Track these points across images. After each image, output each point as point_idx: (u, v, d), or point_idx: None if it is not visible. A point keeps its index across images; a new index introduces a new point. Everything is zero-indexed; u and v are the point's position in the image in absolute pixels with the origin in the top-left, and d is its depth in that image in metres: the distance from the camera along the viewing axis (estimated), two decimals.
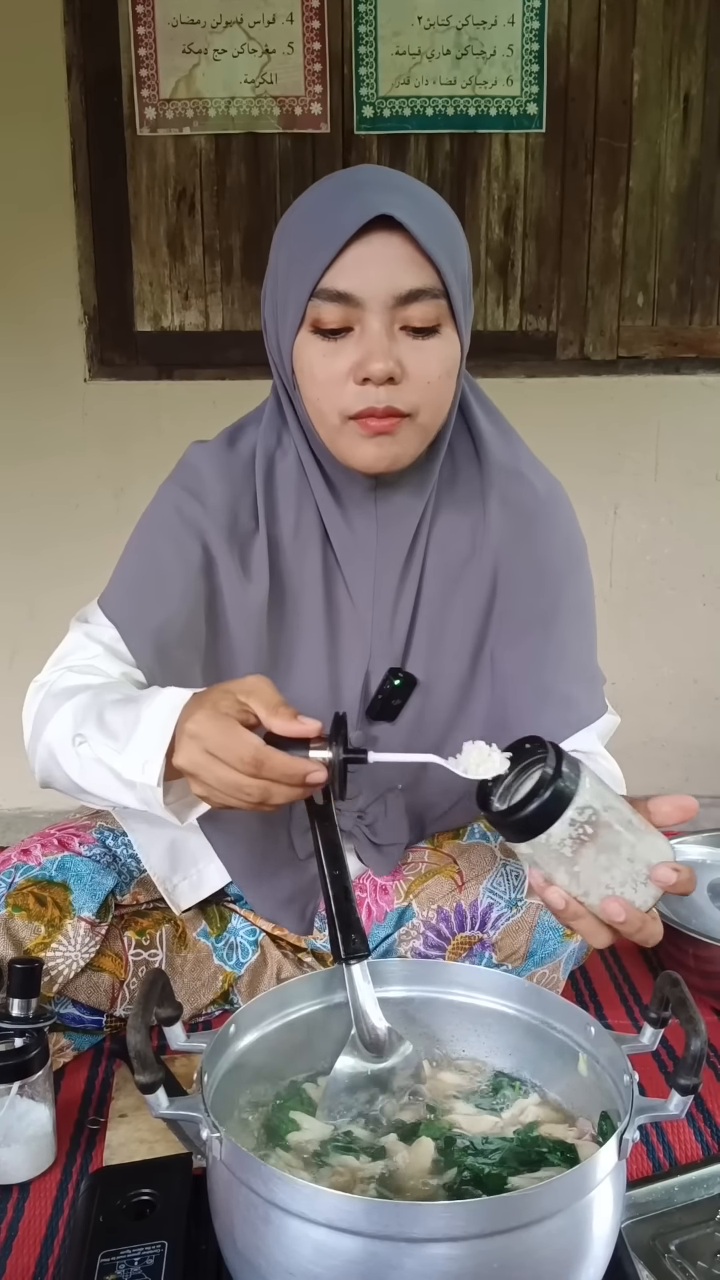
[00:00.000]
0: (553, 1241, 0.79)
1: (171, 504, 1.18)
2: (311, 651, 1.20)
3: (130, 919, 1.32)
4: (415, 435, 1.09)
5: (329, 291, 1.02)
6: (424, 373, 1.05)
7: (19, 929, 1.21)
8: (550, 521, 1.25)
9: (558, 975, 1.33)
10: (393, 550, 1.18)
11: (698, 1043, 0.84)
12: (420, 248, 1.01)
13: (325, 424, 1.09)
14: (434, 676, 1.22)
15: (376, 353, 1.02)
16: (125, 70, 2.25)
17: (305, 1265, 0.78)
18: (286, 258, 1.08)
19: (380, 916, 1.36)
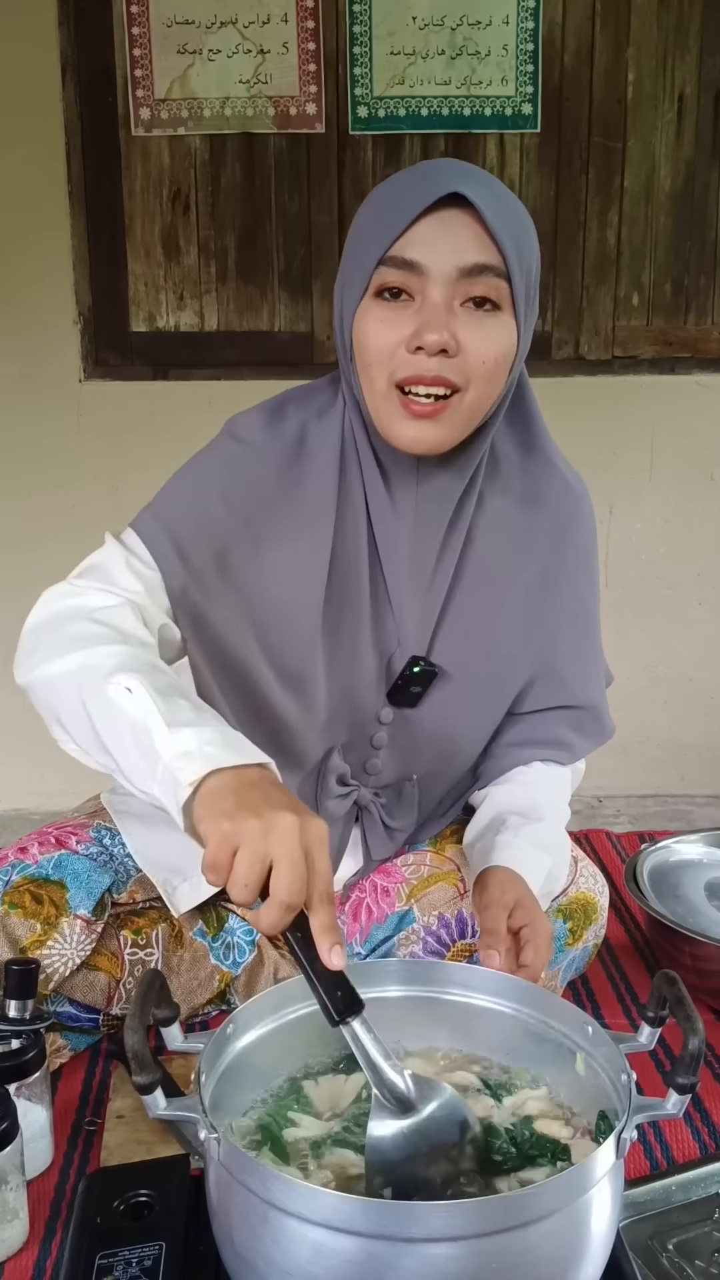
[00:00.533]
0: (551, 1241, 0.79)
1: (221, 469, 1.16)
2: (354, 633, 1.20)
3: (126, 918, 1.32)
4: (460, 418, 1.09)
5: (396, 259, 1.04)
6: (479, 350, 1.06)
7: (15, 926, 1.21)
8: (586, 524, 1.28)
9: (555, 983, 1.33)
10: (429, 534, 1.18)
11: (695, 1041, 0.84)
12: (488, 229, 1.03)
13: (374, 390, 1.09)
14: (459, 667, 1.24)
15: (433, 323, 1.03)
16: (120, 70, 2.24)
17: (303, 1266, 0.78)
18: (359, 232, 1.09)
19: (381, 918, 1.36)
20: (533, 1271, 0.79)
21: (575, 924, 1.29)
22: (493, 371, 1.08)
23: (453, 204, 1.02)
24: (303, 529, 1.16)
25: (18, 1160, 1.05)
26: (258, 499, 1.15)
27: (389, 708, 1.25)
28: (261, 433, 1.17)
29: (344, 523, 1.17)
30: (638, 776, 2.57)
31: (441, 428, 1.08)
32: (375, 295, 1.06)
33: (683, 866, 1.66)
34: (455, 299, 1.05)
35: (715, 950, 1.42)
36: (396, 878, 1.36)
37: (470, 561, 1.21)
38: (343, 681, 1.22)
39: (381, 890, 1.36)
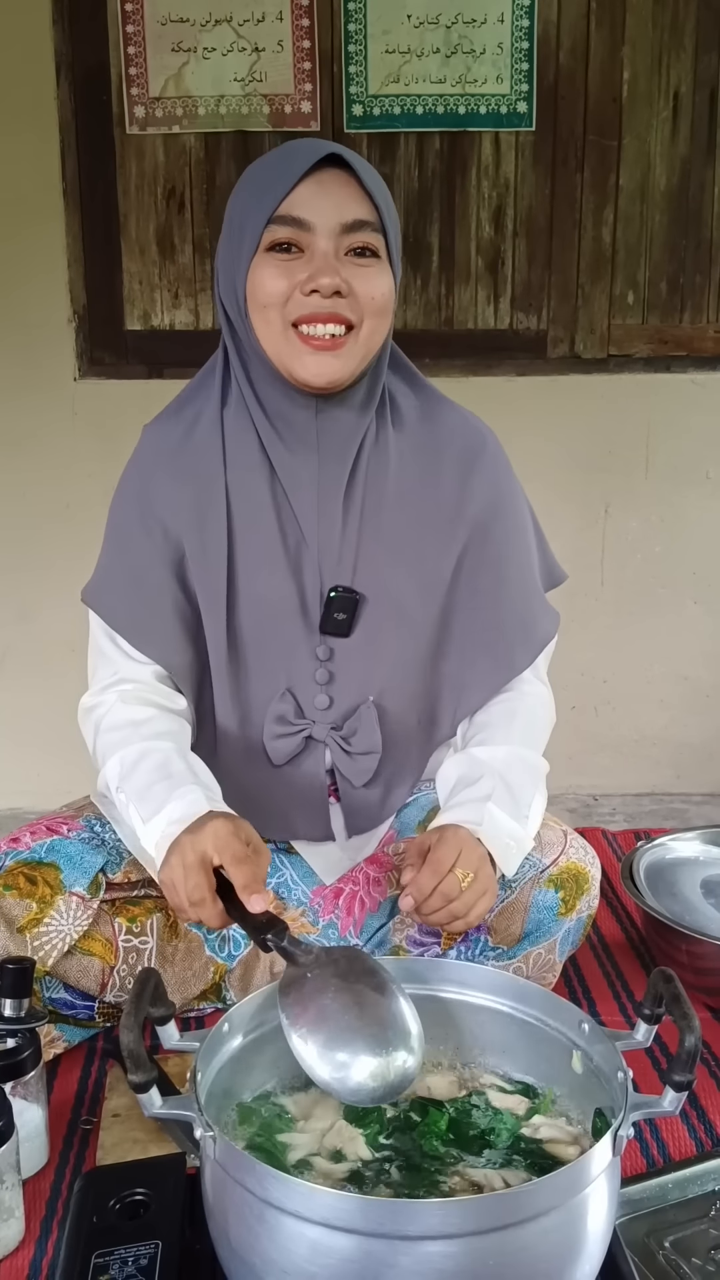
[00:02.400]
0: (548, 1238, 0.79)
1: (128, 494, 1.31)
2: (272, 580, 1.28)
3: (121, 906, 1.32)
4: (358, 350, 1.20)
5: (284, 217, 1.16)
6: (368, 290, 1.18)
7: (10, 907, 1.22)
8: (492, 452, 1.35)
9: (553, 955, 1.33)
10: (334, 472, 1.27)
11: (692, 1039, 0.84)
12: (363, 186, 1.17)
13: (271, 333, 1.20)
14: (384, 592, 1.30)
15: (325, 268, 1.16)
16: (114, 69, 2.24)
17: (300, 1264, 0.78)
18: (243, 201, 1.21)
19: (374, 907, 1.36)
20: (529, 1269, 0.79)
21: (567, 893, 1.30)
22: (381, 307, 1.20)
23: (328, 168, 1.16)
24: (201, 504, 1.27)
25: (13, 1159, 1.04)
26: (164, 502, 1.28)
27: (323, 644, 1.29)
28: (157, 434, 1.32)
29: (241, 481, 1.28)
30: (633, 775, 2.57)
31: (341, 360, 1.19)
32: (266, 250, 1.18)
33: (679, 864, 1.66)
34: (340, 249, 1.17)
35: (712, 948, 1.42)
36: (386, 865, 1.36)
37: (380, 489, 1.29)
38: (271, 626, 1.29)
39: (373, 880, 1.37)
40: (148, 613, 1.29)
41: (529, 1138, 0.95)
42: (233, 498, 1.27)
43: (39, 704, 2.42)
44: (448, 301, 2.36)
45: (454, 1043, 1.06)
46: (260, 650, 1.30)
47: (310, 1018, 0.94)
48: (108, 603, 1.31)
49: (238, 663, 1.30)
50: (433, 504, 1.31)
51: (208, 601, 1.28)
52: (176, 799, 1.14)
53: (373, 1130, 0.93)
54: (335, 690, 1.31)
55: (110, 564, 1.32)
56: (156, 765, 1.19)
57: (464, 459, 1.32)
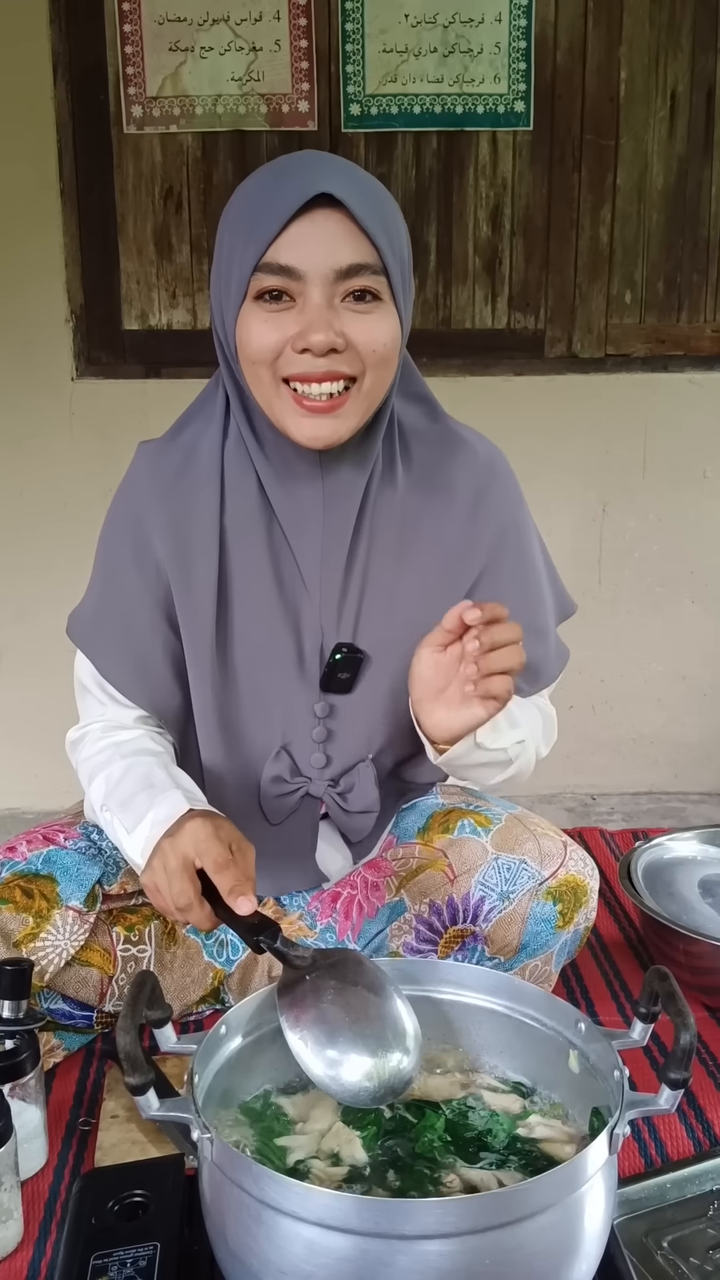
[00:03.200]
0: (545, 1237, 0.79)
1: (120, 521, 1.26)
2: (268, 632, 1.23)
3: (119, 915, 1.32)
4: (359, 407, 1.12)
5: (271, 265, 1.06)
6: (368, 340, 1.08)
7: (7, 921, 1.21)
8: (499, 488, 1.28)
9: (550, 968, 1.33)
10: (339, 525, 1.21)
11: (687, 1036, 0.84)
12: (359, 225, 1.05)
13: (263, 390, 1.12)
14: (387, 653, 1.25)
15: (317, 324, 1.05)
16: (112, 68, 2.24)
17: (298, 1264, 0.78)
18: (230, 239, 1.11)
19: (372, 912, 1.36)
20: (526, 1268, 0.79)
21: (565, 906, 1.29)
22: (385, 357, 1.10)
23: (321, 203, 1.04)
24: (193, 542, 1.21)
25: (12, 1161, 1.05)
26: (157, 535, 1.22)
27: (323, 701, 1.26)
28: (153, 457, 1.24)
29: (239, 525, 1.21)
30: (631, 774, 2.57)
31: (340, 421, 1.11)
32: (255, 299, 1.08)
33: (677, 864, 1.67)
34: (335, 297, 1.07)
35: (709, 947, 1.42)
36: (385, 871, 1.36)
37: (385, 544, 1.23)
38: (267, 680, 1.25)
39: (371, 885, 1.37)
40: (137, 659, 1.26)
41: (525, 1138, 0.95)
42: (229, 541, 1.22)
43: (37, 704, 2.42)
44: (445, 301, 2.36)
45: (451, 1044, 1.06)
46: (255, 704, 1.26)
47: (308, 1019, 0.94)
48: (97, 647, 1.28)
49: (229, 715, 1.26)
50: (438, 554, 1.25)
51: (194, 646, 1.23)
52: (159, 804, 1.13)
53: (370, 1132, 0.93)
54: (333, 748, 1.28)
55: (100, 600, 1.28)
56: (139, 777, 1.19)
57: (472, 497, 1.25)
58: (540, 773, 1.43)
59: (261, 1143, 0.92)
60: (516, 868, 1.28)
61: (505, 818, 1.34)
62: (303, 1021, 0.94)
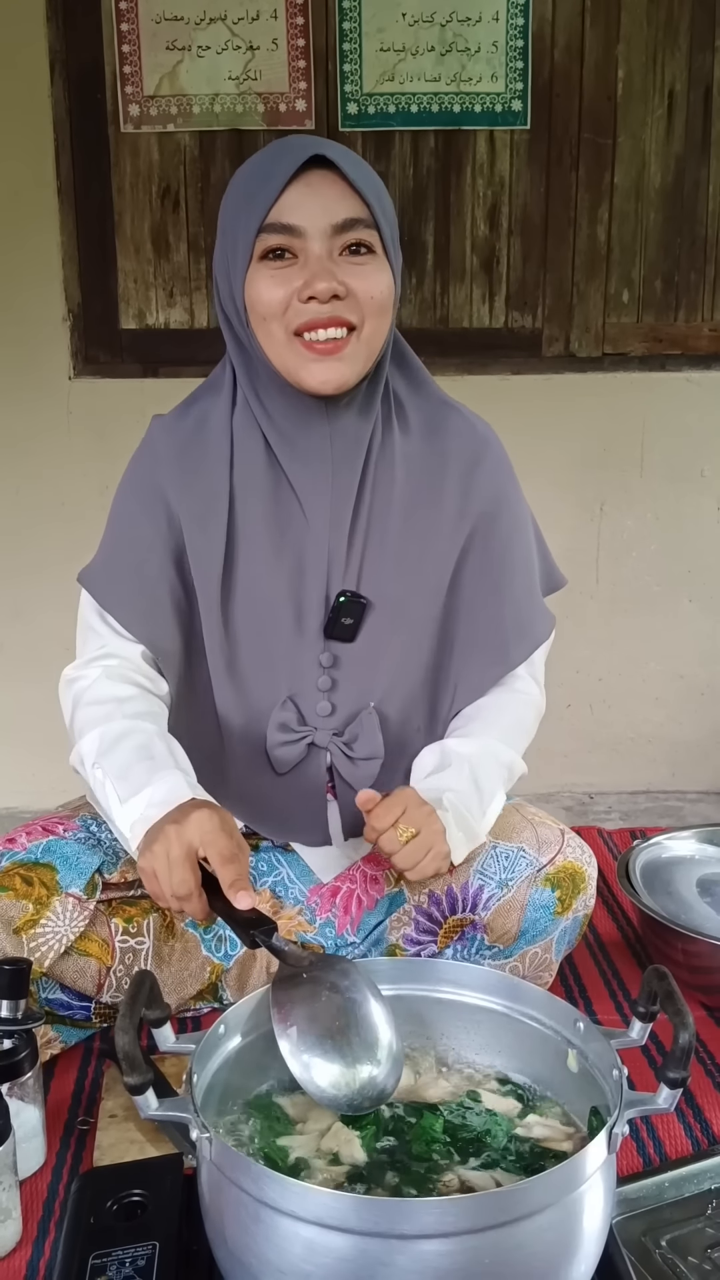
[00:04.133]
0: (543, 1236, 0.79)
1: (135, 481, 1.31)
2: (274, 584, 1.28)
3: (118, 906, 1.32)
4: (360, 352, 1.20)
5: (274, 225, 1.15)
6: (366, 289, 1.17)
7: (6, 908, 1.22)
8: (494, 455, 1.36)
9: (550, 955, 1.34)
10: (347, 476, 1.27)
11: (685, 1036, 0.84)
12: (351, 184, 1.15)
13: (274, 343, 1.20)
14: (389, 600, 1.30)
15: (320, 273, 1.15)
16: (109, 67, 2.23)
17: (296, 1263, 0.78)
18: (233, 211, 1.20)
19: (371, 904, 1.36)
20: (525, 1267, 0.79)
21: (564, 893, 1.30)
22: (381, 306, 1.19)
23: (315, 168, 1.15)
24: (205, 499, 1.27)
25: (10, 1160, 1.05)
26: (171, 490, 1.28)
27: (327, 651, 1.29)
28: (167, 426, 1.32)
29: (247, 481, 1.28)
30: (629, 773, 2.57)
31: (345, 364, 1.19)
32: (260, 259, 1.17)
33: (675, 863, 1.67)
34: (334, 250, 1.16)
35: (707, 946, 1.42)
36: (384, 864, 1.36)
37: (387, 495, 1.30)
38: (273, 632, 1.29)
39: (370, 878, 1.37)
40: (142, 594, 1.29)
41: (523, 1138, 0.95)
42: (237, 500, 1.27)
43: (34, 703, 2.41)
44: (443, 300, 2.36)
45: (449, 1043, 1.07)
46: (261, 656, 1.30)
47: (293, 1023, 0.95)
48: (103, 583, 1.31)
49: (237, 668, 1.30)
50: (436, 509, 1.31)
51: (206, 602, 1.28)
52: (158, 781, 1.14)
53: (370, 1133, 0.93)
54: (337, 697, 1.31)
55: (111, 546, 1.33)
56: (138, 745, 1.20)
57: (467, 464, 1.32)
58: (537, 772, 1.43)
59: (264, 1142, 0.92)
60: (515, 855, 1.30)
61: (503, 808, 1.35)
62: (287, 1025, 0.95)
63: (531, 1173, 0.89)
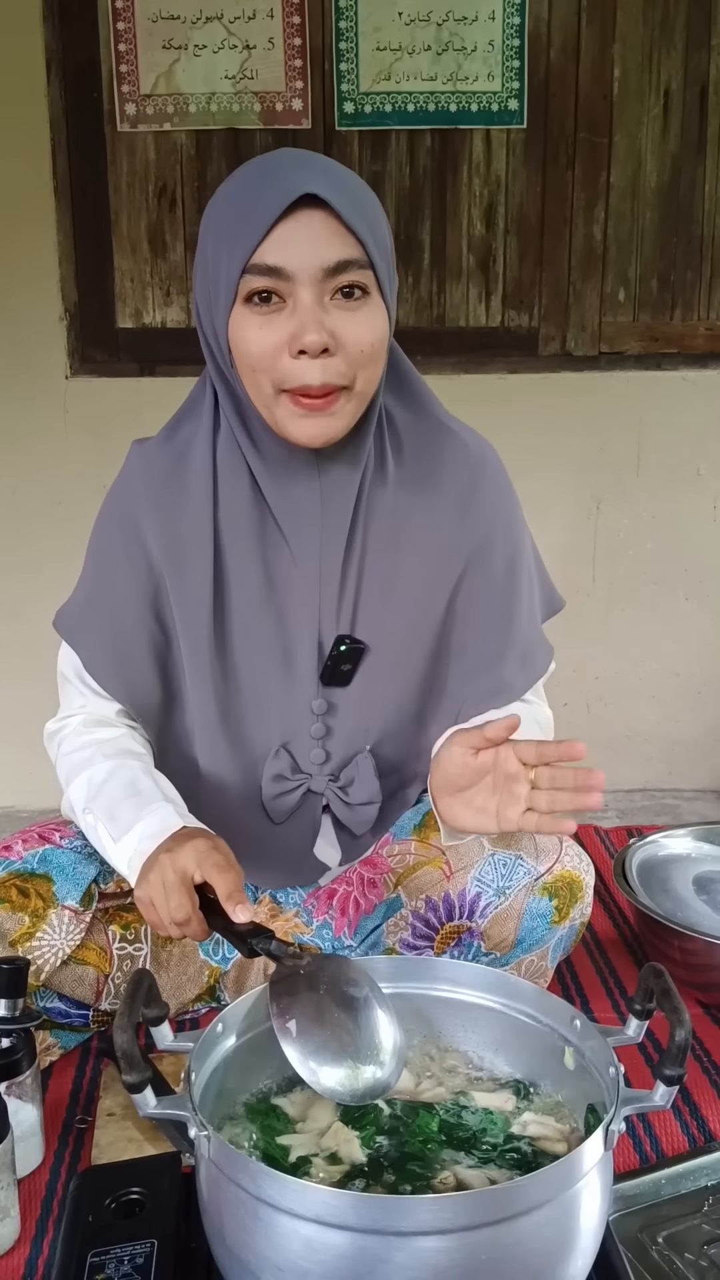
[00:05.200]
0: (541, 1233, 0.80)
1: (113, 518, 1.27)
2: (261, 628, 1.25)
3: (115, 913, 1.32)
4: (351, 406, 1.13)
5: (260, 266, 1.06)
6: (357, 340, 1.09)
7: (3, 920, 1.21)
8: (490, 483, 1.29)
9: (545, 963, 1.34)
10: (337, 519, 1.22)
11: (682, 1033, 0.85)
12: (343, 222, 1.06)
13: (261, 395, 1.13)
14: (384, 643, 1.26)
15: (310, 324, 1.06)
16: (105, 66, 2.23)
17: (295, 1261, 0.78)
18: (215, 240, 1.12)
19: (369, 908, 1.36)
20: (523, 1264, 0.79)
21: (561, 902, 1.30)
22: (373, 356, 1.12)
23: (305, 203, 1.05)
24: (188, 540, 1.22)
25: (9, 1158, 1.05)
26: (150, 531, 1.23)
27: (320, 698, 1.27)
28: (147, 456, 1.26)
29: (231, 520, 1.22)
30: (625, 771, 2.58)
31: (336, 418, 1.12)
32: (245, 302, 1.09)
33: (671, 861, 1.67)
34: (324, 295, 1.08)
35: (703, 944, 1.42)
36: (382, 868, 1.36)
37: (379, 537, 1.25)
38: (265, 678, 1.26)
39: (368, 882, 1.37)
40: (119, 653, 1.26)
41: (519, 1135, 0.96)
42: (223, 539, 1.23)
43: (30, 703, 2.40)
44: (439, 299, 2.36)
45: (446, 1041, 1.07)
46: (254, 703, 1.27)
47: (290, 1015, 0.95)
48: (81, 638, 1.29)
49: (229, 717, 1.27)
50: (431, 544, 1.26)
51: (192, 648, 1.25)
52: (148, 815, 1.14)
53: (369, 1132, 0.94)
54: (332, 743, 1.29)
55: (88, 595, 1.29)
56: (124, 783, 1.19)
57: (463, 493, 1.27)
58: None
59: (265, 1140, 0.93)
60: (512, 863, 1.29)
61: None
62: (286, 1021, 0.94)
63: (527, 1171, 0.89)
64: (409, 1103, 0.98)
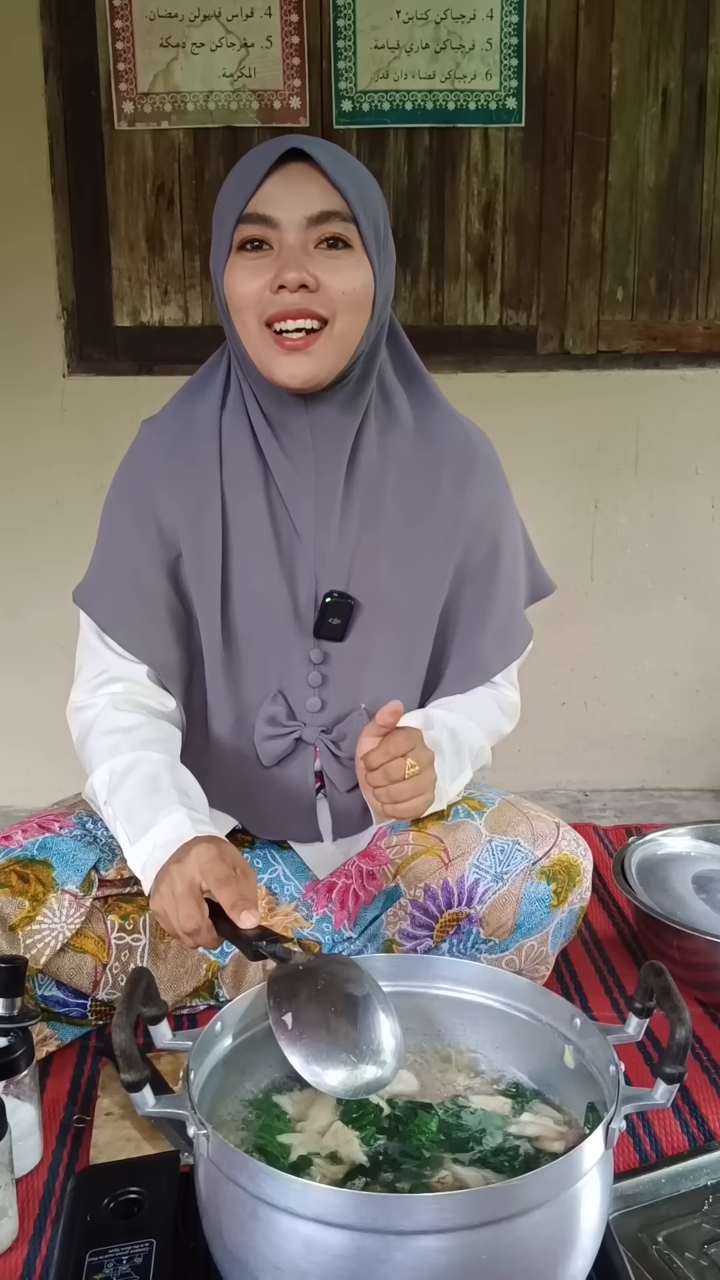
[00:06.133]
0: (541, 1232, 0.79)
1: (124, 489, 1.31)
2: (265, 581, 1.28)
3: (114, 903, 1.33)
4: (331, 348, 1.18)
5: (251, 215, 1.16)
6: (338, 283, 1.16)
7: (3, 905, 1.22)
8: (485, 465, 1.34)
9: (546, 948, 1.34)
10: (329, 479, 1.27)
11: (683, 1031, 0.84)
12: (329, 178, 1.15)
13: (249, 334, 1.19)
14: (379, 598, 1.30)
15: (290, 263, 1.15)
16: (103, 64, 2.23)
17: (294, 1260, 0.78)
18: (220, 204, 1.21)
19: (368, 900, 1.36)
20: (523, 1263, 0.79)
21: (559, 885, 1.30)
22: (355, 301, 1.18)
23: (295, 162, 1.15)
24: (196, 502, 1.27)
25: (6, 1158, 1.04)
26: (160, 498, 1.27)
27: (317, 648, 1.30)
28: (156, 427, 1.32)
29: (236, 480, 1.27)
30: (623, 770, 2.58)
31: (314, 359, 1.18)
32: (239, 250, 1.18)
33: (670, 860, 1.67)
34: (309, 243, 1.16)
35: (703, 943, 1.42)
36: (381, 860, 1.37)
37: (378, 494, 1.29)
38: (264, 626, 1.29)
39: (367, 874, 1.37)
40: (140, 613, 1.28)
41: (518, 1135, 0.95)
42: (228, 498, 1.27)
43: (28, 702, 2.42)
44: (437, 298, 2.36)
45: (445, 1040, 1.07)
46: (253, 650, 1.30)
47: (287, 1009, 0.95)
48: (100, 604, 1.30)
49: (232, 661, 1.30)
50: (430, 510, 1.30)
51: (203, 599, 1.28)
52: (162, 820, 1.15)
53: (369, 1132, 0.93)
54: (328, 694, 1.31)
55: (104, 563, 1.32)
56: (144, 778, 1.20)
57: (460, 468, 1.32)
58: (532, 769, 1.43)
59: (265, 1140, 0.92)
60: (510, 849, 1.30)
61: (499, 802, 1.36)
62: (283, 1014, 0.94)
63: (526, 1169, 0.89)
64: (408, 1102, 0.98)
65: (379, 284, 1.20)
